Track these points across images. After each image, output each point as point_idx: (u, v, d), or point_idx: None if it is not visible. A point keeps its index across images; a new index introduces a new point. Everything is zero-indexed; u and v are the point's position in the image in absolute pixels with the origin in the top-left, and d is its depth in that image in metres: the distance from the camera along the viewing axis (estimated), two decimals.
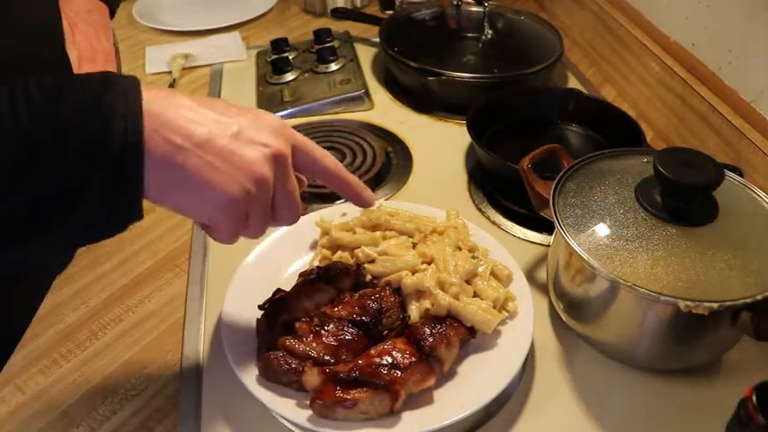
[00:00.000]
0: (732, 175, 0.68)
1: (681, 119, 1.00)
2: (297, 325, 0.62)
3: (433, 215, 0.77)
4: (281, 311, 0.64)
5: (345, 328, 0.62)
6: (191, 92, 1.16)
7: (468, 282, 0.67)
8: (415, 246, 0.72)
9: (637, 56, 1.10)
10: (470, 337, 0.63)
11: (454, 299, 0.64)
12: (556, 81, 1.20)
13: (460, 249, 0.71)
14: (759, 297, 0.57)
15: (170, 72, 1.22)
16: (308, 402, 0.57)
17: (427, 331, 0.61)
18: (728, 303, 0.56)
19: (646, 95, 1.09)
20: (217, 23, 1.36)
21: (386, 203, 0.79)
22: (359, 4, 1.47)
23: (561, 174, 0.70)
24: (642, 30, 1.11)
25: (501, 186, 0.91)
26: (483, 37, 1.27)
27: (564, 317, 0.70)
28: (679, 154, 0.64)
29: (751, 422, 0.51)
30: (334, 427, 0.56)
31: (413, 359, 0.59)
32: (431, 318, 0.64)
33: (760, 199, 0.66)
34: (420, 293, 0.65)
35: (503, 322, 0.66)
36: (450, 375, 0.62)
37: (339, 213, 0.79)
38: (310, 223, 0.77)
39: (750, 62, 0.89)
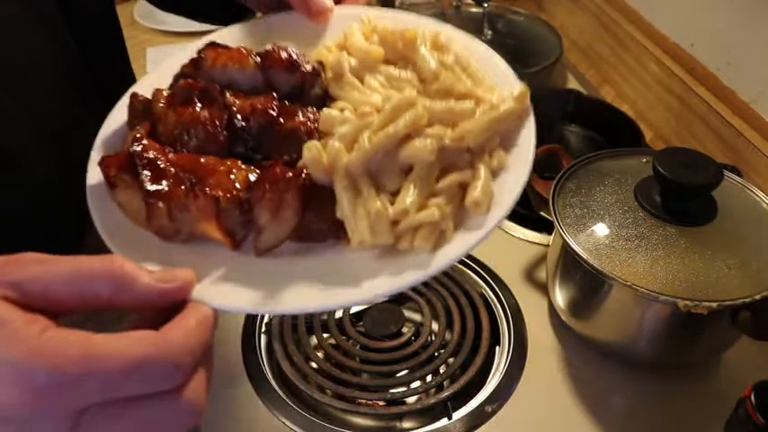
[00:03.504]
0: (731, 175, 0.68)
1: (680, 119, 1.00)
2: (181, 82, 0.46)
3: (499, 81, 0.48)
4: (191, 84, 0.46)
5: (218, 120, 0.44)
6: None
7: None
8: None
9: (636, 56, 1.10)
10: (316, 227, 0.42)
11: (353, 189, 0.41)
12: (555, 81, 1.20)
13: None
14: (758, 297, 0.57)
15: None
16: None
17: (269, 178, 0.41)
18: (727, 303, 0.57)
19: (645, 96, 1.09)
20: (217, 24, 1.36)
21: (450, 34, 0.52)
22: None
23: (561, 174, 0.70)
24: (641, 30, 1.11)
25: None
26: (482, 37, 1.27)
27: (564, 316, 0.71)
28: (678, 154, 0.65)
29: (749, 421, 0.52)
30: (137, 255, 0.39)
31: (210, 189, 0.40)
32: (299, 178, 0.41)
33: (759, 199, 0.67)
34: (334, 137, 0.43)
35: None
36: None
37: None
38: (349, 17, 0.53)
39: (749, 63, 0.89)
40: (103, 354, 0.30)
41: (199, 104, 0.45)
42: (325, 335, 0.71)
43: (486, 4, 1.26)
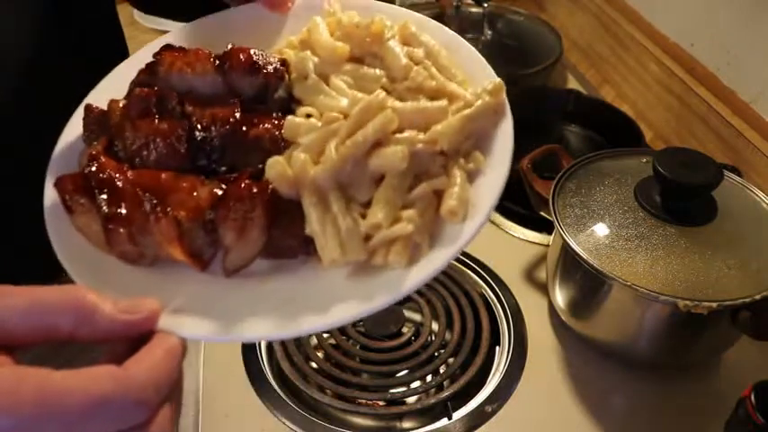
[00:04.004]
0: (731, 175, 0.69)
1: (680, 119, 1.00)
2: (136, 91, 0.43)
3: (475, 78, 0.45)
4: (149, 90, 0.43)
5: (178, 132, 0.41)
6: None
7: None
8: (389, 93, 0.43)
9: (636, 56, 1.10)
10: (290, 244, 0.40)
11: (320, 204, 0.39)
12: (555, 81, 1.20)
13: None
14: (758, 297, 0.57)
15: None
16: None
17: (234, 195, 0.38)
18: (727, 303, 0.57)
19: (645, 96, 1.09)
20: None
21: (419, 23, 0.49)
22: None
23: (561, 174, 0.70)
24: (641, 30, 1.11)
25: None
26: (482, 38, 1.28)
27: (563, 316, 0.71)
28: (678, 154, 0.65)
29: (749, 421, 0.52)
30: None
31: (171, 210, 0.38)
32: (265, 194, 0.39)
33: (759, 199, 0.67)
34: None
35: None
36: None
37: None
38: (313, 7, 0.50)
39: (749, 63, 0.89)
40: (62, 393, 0.28)
41: (157, 116, 0.42)
42: (325, 335, 0.71)
43: (486, 4, 1.26)
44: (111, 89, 0.46)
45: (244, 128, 0.41)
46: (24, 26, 0.56)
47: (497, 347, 0.71)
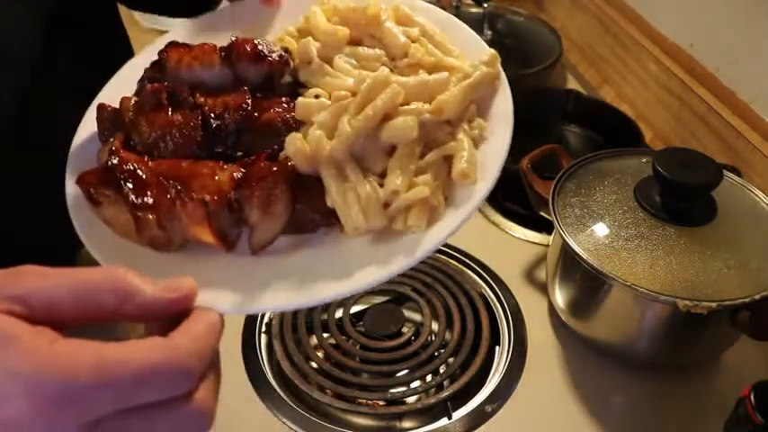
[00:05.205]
0: (730, 175, 0.69)
1: (679, 119, 1.00)
2: (148, 86, 0.45)
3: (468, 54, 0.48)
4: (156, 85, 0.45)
5: (192, 122, 0.43)
6: None
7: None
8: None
9: (635, 57, 1.10)
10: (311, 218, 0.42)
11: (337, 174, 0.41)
12: (555, 82, 1.20)
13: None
14: (757, 297, 0.57)
15: None
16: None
17: (256, 175, 0.40)
18: (727, 303, 0.57)
19: (644, 96, 1.09)
20: None
21: (410, 4, 0.51)
22: None
23: (561, 174, 0.70)
24: (641, 31, 1.11)
25: (500, 186, 0.91)
26: (482, 38, 1.28)
27: (563, 316, 0.71)
28: (678, 154, 0.65)
29: (749, 421, 0.52)
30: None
31: (196, 194, 0.39)
32: (285, 171, 0.40)
33: (758, 199, 0.67)
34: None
35: None
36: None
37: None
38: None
39: (748, 63, 0.89)
40: (115, 362, 0.30)
41: (169, 108, 0.43)
42: (325, 335, 0.71)
43: (486, 4, 1.26)
44: (120, 89, 0.47)
45: (256, 114, 0.43)
46: (26, 26, 0.56)
47: (497, 347, 0.71)
